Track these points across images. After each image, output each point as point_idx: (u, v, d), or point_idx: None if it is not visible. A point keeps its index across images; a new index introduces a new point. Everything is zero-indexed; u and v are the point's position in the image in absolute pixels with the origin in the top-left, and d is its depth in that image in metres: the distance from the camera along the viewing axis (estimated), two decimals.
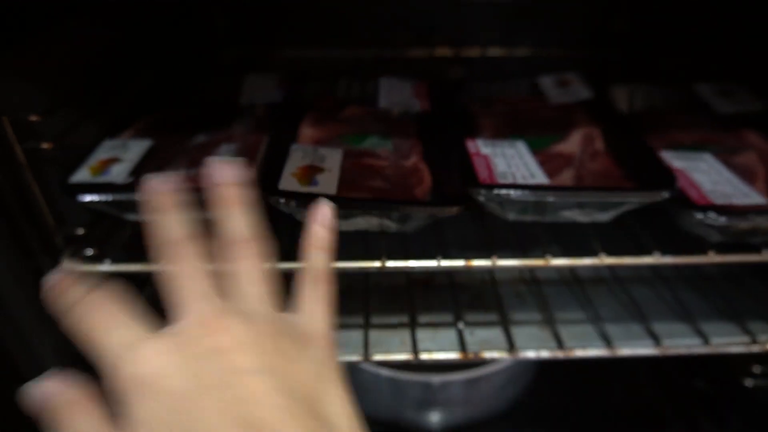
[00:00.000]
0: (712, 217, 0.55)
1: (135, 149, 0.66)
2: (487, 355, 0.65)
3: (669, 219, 0.59)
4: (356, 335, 0.70)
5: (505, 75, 1.13)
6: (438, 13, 1.13)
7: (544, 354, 0.65)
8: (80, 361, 0.65)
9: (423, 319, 0.72)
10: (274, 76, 0.86)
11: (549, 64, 1.15)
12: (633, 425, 0.87)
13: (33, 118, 0.54)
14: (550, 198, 0.54)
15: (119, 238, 0.67)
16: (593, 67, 1.18)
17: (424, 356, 0.65)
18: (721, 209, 0.56)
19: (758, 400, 0.77)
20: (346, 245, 0.76)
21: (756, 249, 0.59)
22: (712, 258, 0.58)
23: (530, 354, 0.65)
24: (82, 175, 0.61)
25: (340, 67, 1.16)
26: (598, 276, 0.79)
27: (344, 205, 0.55)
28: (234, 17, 1.10)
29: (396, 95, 0.79)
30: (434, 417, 0.87)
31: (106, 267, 0.60)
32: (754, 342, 0.65)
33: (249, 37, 1.12)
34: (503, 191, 0.54)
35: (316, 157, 0.63)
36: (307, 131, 0.71)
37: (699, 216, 0.55)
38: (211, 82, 0.87)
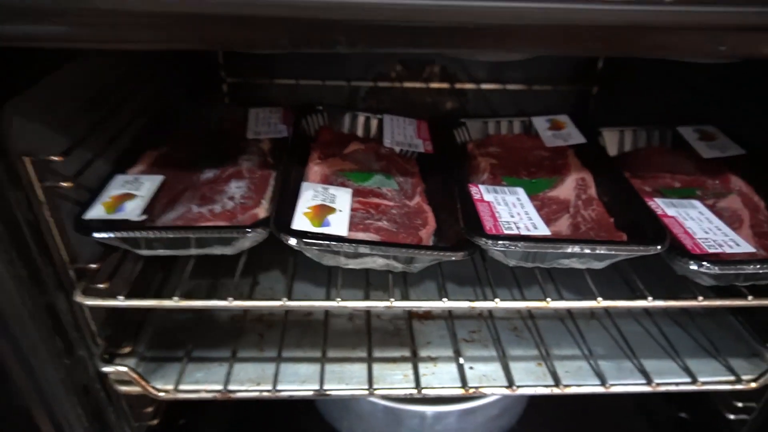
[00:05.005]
0: (707, 267, 0.58)
1: (147, 185, 0.67)
2: (488, 391, 0.67)
3: (660, 259, 0.63)
4: (359, 369, 0.72)
5: (497, 107, 1.19)
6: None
7: (542, 391, 0.67)
8: (86, 394, 0.66)
9: (423, 352, 0.75)
10: (278, 109, 0.88)
11: (538, 98, 1.21)
12: None
13: (54, 158, 0.55)
14: (553, 250, 0.57)
15: (130, 273, 0.68)
16: (578, 102, 1.24)
17: (427, 392, 0.68)
18: (715, 259, 0.59)
19: None
20: (350, 281, 0.78)
21: (742, 294, 0.63)
22: (701, 303, 0.62)
23: (528, 391, 0.68)
24: (96, 211, 0.62)
25: (337, 97, 1.19)
26: (590, 311, 0.82)
27: (356, 247, 0.57)
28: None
29: (399, 134, 0.82)
30: None
31: (119, 303, 0.61)
32: (739, 381, 0.69)
33: (249, 69, 1.15)
34: (511, 243, 0.57)
35: (327, 197, 0.65)
36: (314, 168, 0.73)
37: (694, 267, 0.59)
38: (215, 115, 0.88)
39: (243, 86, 1.19)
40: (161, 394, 0.67)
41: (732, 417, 0.80)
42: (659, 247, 0.58)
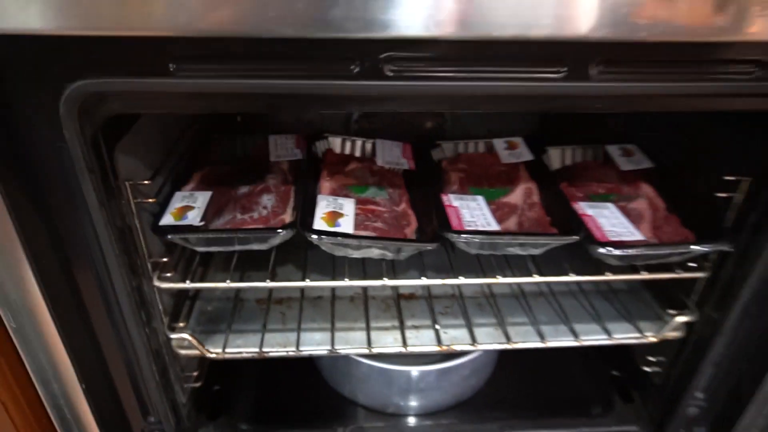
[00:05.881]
0: (608, 249, 0.82)
1: (201, 199, 0.90)
2: (457, 347, 0.91)
3: (583, 248, 0.86)
4: (360, 335, 0.95)
5: (470, 126, 1.43)
6: None
7: (496, 346, 0.91)
8: (158, 356, 0.87)
9: (408, 323, 0.98)
10: (292, 136, 1.11)
11: (504, 117, 1.45)
12: (566, 406, 1.13)
13: (146, 182, 0.77)
14: (500, 241, 0.81)
15: (186, 266, 0.90)
16: (541, 118, 1.48)
17: (412, 349, 0.91)
18: (615, 244, 0.83)
19: (653, 381, 1.04)
20: (351, 272, 1.01)
21: (637, 270, 0.87)
22: (607, 277, 0.86)
23: (487, 346, 0.91)
24: (167, 219, 0.84)
25: (334, 121, 1.42)
26: (539, 290, 1.06)
27: (360, 241, 0.81)
28: None
29: (389, 155, 1.05)
30: (414, 402, 1.12)
31: (187, 285, 0.83)
32: (643, 337, 0.93)
33: None
34: (470, 236, 0.80)
35: (337, 205, 0.88)
36: (325, 184, 0.96)
37: (601, 250, 0.82)
38: (241, 142, 1.11)
39: (253, 116, 1.42)
40: (213, 355, 0.89)
41: (649, 370, 1.04)
42: (576, 237, 0.82)
